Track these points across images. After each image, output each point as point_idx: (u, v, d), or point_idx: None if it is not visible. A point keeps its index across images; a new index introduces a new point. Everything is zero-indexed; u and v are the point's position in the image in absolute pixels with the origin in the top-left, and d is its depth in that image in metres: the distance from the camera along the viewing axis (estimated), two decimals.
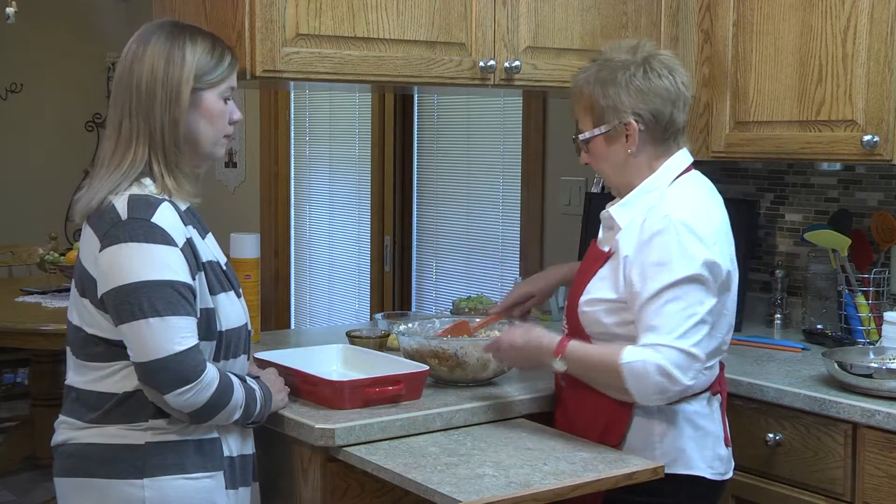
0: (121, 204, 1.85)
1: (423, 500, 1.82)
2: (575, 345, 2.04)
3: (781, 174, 3.06)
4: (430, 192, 4.51)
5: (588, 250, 2.18)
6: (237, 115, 1.98)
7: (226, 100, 1.96)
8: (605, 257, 2.07)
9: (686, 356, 1.93)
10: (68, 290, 1.98)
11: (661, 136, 2.07)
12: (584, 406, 2.08)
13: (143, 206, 1.84)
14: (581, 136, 2.11)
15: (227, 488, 1.93)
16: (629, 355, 1.94)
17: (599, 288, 2.05)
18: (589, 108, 2.08)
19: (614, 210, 2.08)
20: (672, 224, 1.97)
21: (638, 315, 1.98)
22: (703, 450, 2.08)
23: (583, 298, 2.08)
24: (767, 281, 3.06)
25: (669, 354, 1.92)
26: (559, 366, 2.04)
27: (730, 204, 3.06)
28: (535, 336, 2.09)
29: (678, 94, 2.07)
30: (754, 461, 2.37)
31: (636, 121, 2.04)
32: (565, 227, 3.63)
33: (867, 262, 2.74)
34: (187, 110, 1.89)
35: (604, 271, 2.06)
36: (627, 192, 2.09)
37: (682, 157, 2.11)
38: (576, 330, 2.10)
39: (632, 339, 1.98)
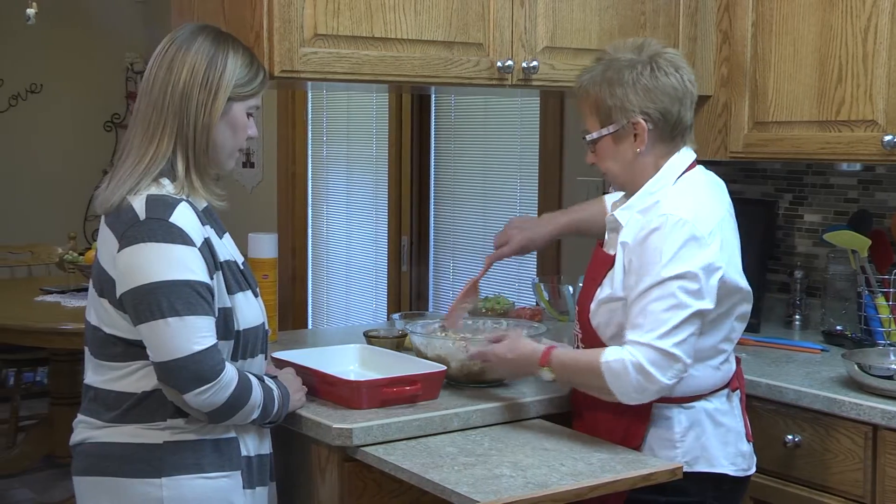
0: (139, 204, 1.85)
1: (440, 500, 1.82)
2: (558, 352, 2.05)
3: (800, 174, 3.05)
4: (447, 192, 4.51)
5: (594, 254, 2.18)
6: (254, 131, 2.00)
7: (249, 115, 1.98)
8: (612, 261, 2.07)
9: (664, 356, 1.92)
10: (87, 289, 1.99)
11: (670, 134, 2.06)
12: (602, 414, 2.07)
13: (161, 206, 1.85)
14: (588, 137, 2.10)
15: (244, 488, 1.94)
16: (609, 354, 1.95)
17: (608, 291, 2.05)
18: (595, 108, 2.07)
19: (618, 213, 2.08)
20: (668, 222, 1.96)
21: (627, 311, 1.98)
22: (726, 447, 2.07)
23: (594, 304, 2.08)
24: (786, 282, 3.04)
25: (647, 353, 1.92)
26: (546, 375, 2.06)
27: (748, 204, 3.09)
28: (521, 347, 2.11)
29: (685, 92, 2.06)
30: (773, 462, 2.36)
31: (645, 120, 2.03)
32: None
33: (887, 262, 2.72)
34: (220, 116, 1.91)
35: (610, 275, 2.06)
36: (633, 190, 2.09)
37: (685, 154, 2.10)
38: (588, 333, 2.10)
39: None
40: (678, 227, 1.95)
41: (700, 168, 2.12)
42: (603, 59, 2.10)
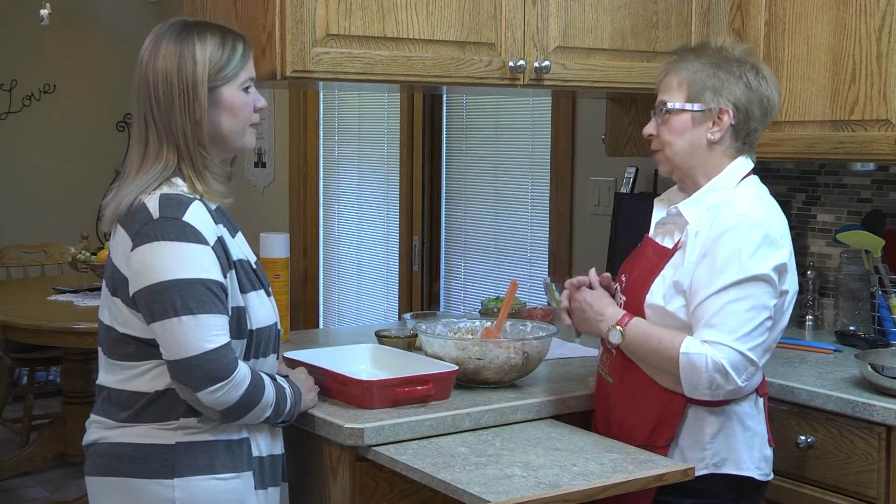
0: (152, 203, 1.85)
1: (451, 500, 1.82)
2: (638, 321, 2.04)
3: (813, 174, 3.04)
4: (459, 192, 4.51)
5: (644, 246, 2.16)
6: (261, 102, 1.97)
7: (246, 90, 1.94)
8: (670, 254, 2.06)
9: (744, 359, 1.94)
10: (100, 289, 2.00)
11: (743, 137, 2.09)
12: (635, 405, 2.07)
13: (175, 205, 1.85)
14: (669, 104, 2.08)
15: (256, 488, 1.94)
16: (690, 346, 1.95)
17: (666, 284, 2.04)
18: (688, 83, 2.08)
19: (683, 206, 2.08)
20: (745, 222, 1.98)
21: (698, 307, 1.97)
22: (752, 450, 2.08)
23: (649, 298, 2.05)
24: (799, 282, 3.02)
25: (729, 355, 1.94)
26: (615, 336, 2.04)
27: None
28: (603, 304, 2.10)
29: (771, 109, 2.10)
30: (786, 463, 2.35)
31: (733, 112, 2.05)
32: (594, 227, 3.62)
33: None
34: (207, 110, 1.89)
35: (668, 268, 2.05)
36: (683, 178, 2.11)
37: (746, 161, 2.12)
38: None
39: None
40: (755, 227, 1.97)
41: (756, 177, 2.13)
42: (710, 45, 2.13)
